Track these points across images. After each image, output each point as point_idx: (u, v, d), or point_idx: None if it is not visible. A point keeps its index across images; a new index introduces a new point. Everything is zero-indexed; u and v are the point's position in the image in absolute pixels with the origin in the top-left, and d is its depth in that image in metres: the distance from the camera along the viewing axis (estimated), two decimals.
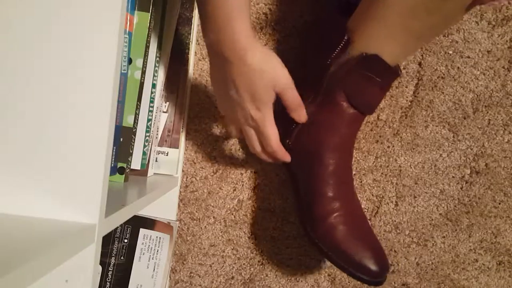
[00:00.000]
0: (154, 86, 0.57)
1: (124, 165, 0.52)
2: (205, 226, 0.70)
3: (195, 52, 0.68)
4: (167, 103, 0.64)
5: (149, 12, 0.52)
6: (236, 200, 0.69)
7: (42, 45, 0.31)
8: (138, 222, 0.65)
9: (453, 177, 0.66)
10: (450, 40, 0.65)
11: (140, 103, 0.53)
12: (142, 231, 0.65)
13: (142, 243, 0.65)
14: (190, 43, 0.64)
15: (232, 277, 0.70)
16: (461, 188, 0.66)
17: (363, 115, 0.57)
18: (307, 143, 0.57)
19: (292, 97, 0.52)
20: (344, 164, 0.58)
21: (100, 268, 0.64)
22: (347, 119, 0.56)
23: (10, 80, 0.31)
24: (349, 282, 0.69)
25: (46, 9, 0.31)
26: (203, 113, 0.69)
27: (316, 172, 0.57)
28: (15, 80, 0.31)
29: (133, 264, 0.65)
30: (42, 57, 0.31)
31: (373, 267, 0.55)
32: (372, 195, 0.67)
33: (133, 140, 0.53)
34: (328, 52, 0.57)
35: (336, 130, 0.56)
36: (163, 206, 0.68)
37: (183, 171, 0.69)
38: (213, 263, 0.70)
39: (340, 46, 0.54)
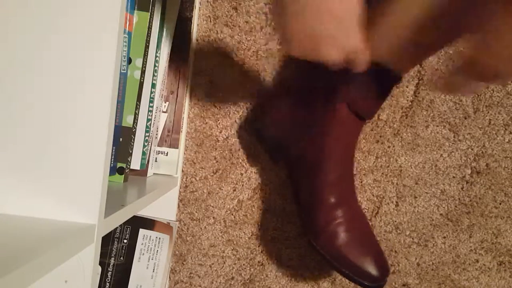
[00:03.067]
0: (153, 86, 0.57)
1: (124, 165, 0.52)
2: (205, 227, 0.70)
3: (195, 52, 0.68)
4: (167, 103, 0.64)
5: (148, 11, 0.52)
6: (236, 200, 0.69)
7: (42, 45, 0.31)
8: (138, 223, 0.65)
9: (453, 177, 0.66)
10: None
11: (139, 103, 0.53)
12: (142, 232, 0.65)
13: (142, 244, 0.65)
14: (190, 42, 0.64)
15: (232, 278, 0.70)
16: (462, 188, 0.66)
17: (363, 121, 0.57)
18: (309, 151, 0.57)
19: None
20: (345, 170, 0.58)
21: (99, 268, 0.64)
22: (348, 126, 0.56)
23: (10, 81, 0.31)
24: (349, 283, 0.68)
25: (46, 8, 0.31)
26: (203, 113, 0.68)
27: (317, 179, 0.57)
28: (14, 80, 0.31)
29: (133, 265, 0.65)
30: (41, 56, 0.31)
31: (373, 272, 0.55)
32: (373, 195, 0.67)
33: (132, 140, 0.53)
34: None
35: (337, 137, 0.57)
36: (162, 206, 0.68)
37: (182, 171, 0.69)
38: (213, 264, 0.70)
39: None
